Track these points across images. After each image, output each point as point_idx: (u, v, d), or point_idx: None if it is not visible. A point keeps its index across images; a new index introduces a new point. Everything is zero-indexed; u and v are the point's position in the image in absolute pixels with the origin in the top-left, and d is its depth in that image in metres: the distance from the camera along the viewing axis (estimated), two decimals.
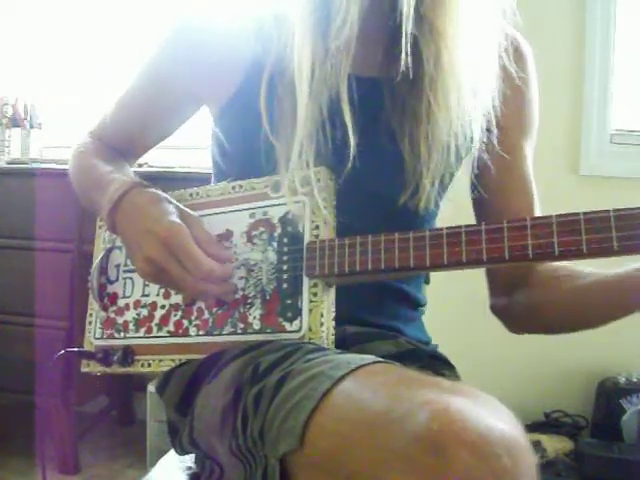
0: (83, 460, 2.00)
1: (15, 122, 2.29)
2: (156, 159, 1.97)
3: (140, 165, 1.88)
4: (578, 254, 0.56)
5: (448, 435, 0.44)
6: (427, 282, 1.01)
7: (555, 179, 1.79)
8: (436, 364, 0.84)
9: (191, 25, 0.83)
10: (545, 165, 1.81)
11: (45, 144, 2.36)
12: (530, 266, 0.82)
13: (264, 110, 0.74)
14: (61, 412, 1.91)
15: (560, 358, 1.86)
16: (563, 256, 0.56)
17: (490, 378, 1.60)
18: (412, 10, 0.68)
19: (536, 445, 1.65)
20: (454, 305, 1.74)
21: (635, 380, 1.72)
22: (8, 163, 2.15)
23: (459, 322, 1.79)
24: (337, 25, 0.70)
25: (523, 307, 0.85)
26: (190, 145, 2.01)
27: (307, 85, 0.71)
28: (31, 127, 2.30)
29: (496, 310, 0.89)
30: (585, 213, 0.56)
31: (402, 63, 0.69)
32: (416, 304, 0.89)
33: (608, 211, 0.56)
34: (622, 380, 1.72)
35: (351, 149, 0.70)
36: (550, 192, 0.93)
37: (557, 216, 0.57)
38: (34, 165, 2.09)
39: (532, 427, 1.78)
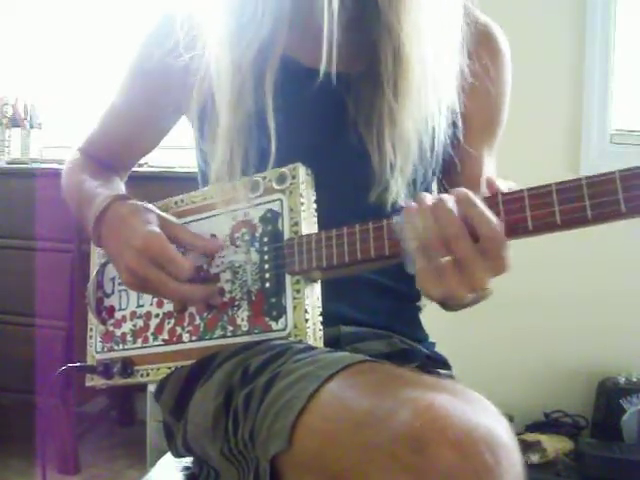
0: (83, 460, 2.00)
1: (15, 122, 2.29)
2: (156, 159, 1.97)
3: (140, 165, 1.87)
4: (552, 226, 0.55)
5: (431, 432, 0.44)
6: None
7: (555, 179, 1.78)
8: (431, 363, 0.84)
9: (169, 31, 0.82)
10: (545, 165, 1.81)
11: (45, 144, 2.36)
12: None
13: (195, 118, 0.75)
14: (61, 412, 1.91)
15: (560, 358, 1.86)
16: (537, 230, 0.56)
17: (490, 378, 1.61)
18: (335, 17, 0.68)
19: (536, 445, 1.65)
20: None
21: (635, 380, 1.72)
22: (8, 163, 2.15)
23: (459, 322, 1.79)
24: (250, 34, 0.71)
25: None
26: (190, 145, 2.01)
27: (227, 92, 0.72)
28: (31, 127, 2.31)
29: None
30: (557, 183, 0.56)
31: (324, 60, 0.69)
32: (410, 301, 0.89)
33: (580, 179, 0.55)
34: (622, 380, 1.72)
35: (272, 155, 0.70)
36: None
37: (528, 189, 0.56)
38: (34, 165, 2.10)
39: (532, 427, 1.78)
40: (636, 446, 1.64)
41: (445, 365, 0.87)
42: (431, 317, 0.96)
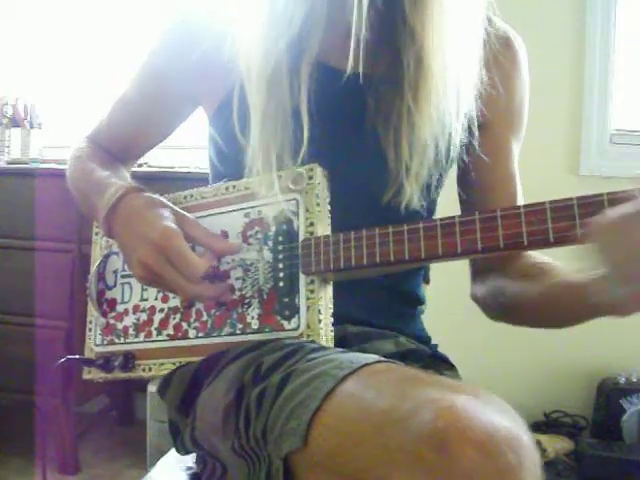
0: (83, 460, 2.00)
1: (15, 122, 2.29)
2: (156, 159, 1.97)
3: (140, 165, 1.88)
4: (573, 239, 0.56)
5: (453, 432, 0.44)
6: (427, 282, 1.01)
7: (555, 179, 1.79)
8: (437, 364, 0.84)
9: (187, 24, 0.83)
10: (545, 165, 1.82)
11: (45, 144, 2.36)
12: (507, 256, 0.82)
13: (235, 111, 0.75)
14: (61, 412, 1.91)
15: (560, 358, 1.86)
16: (558, 242, 0.56)
17: (490, 378, 1.60)
18: (364, 17, 0.68)
19: (536, 445, 1.65)
20: (454, 305, 1.74)
21: (635, 380, 1.72)
22: (8, 163, 2.15)
23: (459, 322, 1.79)
24: (283, 27, 0.71)
25: (498, 301, 0.84)
26: (190, 145, 2.01)
27: (265, 86, 0.72)
28: (31, 127, 2.30)
29: (474, 298, 0.89)
30: (579, 198, 0.56)
31: (349, 66, 0.70)
32: (415, 302, 0.89)
33: (602, 195, 0.55)
34: (622, 380, 1.72)
35: (304, 147, 0.70)
36: (550, 192, 0.93)
37: (550, 202, 0.57)
38: (34, 165, 2.09)
39: (532, 427, 1.76)
40: (636, 446, 1.65)
41: (450, 365, 0.87)
42: (432, 318, 0.96)
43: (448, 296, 1.52)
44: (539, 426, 1.79)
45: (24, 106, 2.30)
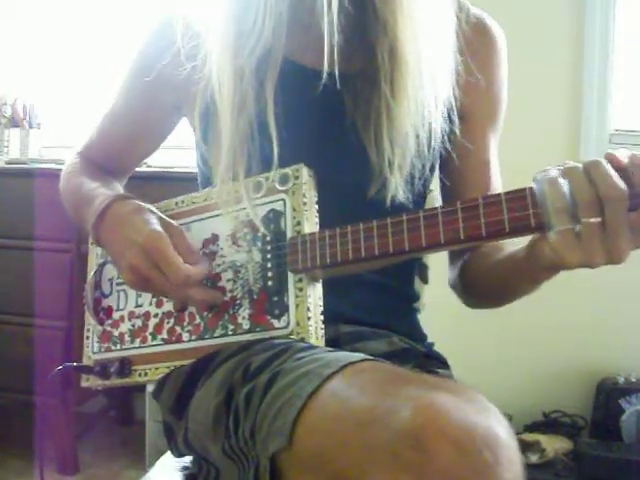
0: (82, 460, 1.99)
1: (14, 122, 2.29)
2: (155, 159, 1.97)
3: (139, 165, 1.87)
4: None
5: (431, 430, 0.44)
6: (425, 282, 1.01)
7: None
8: (430, 363, 0.84)
9: (175, 25, 0.82)
10: (544, 165, 1.81)
11: (44, 144, 2.36)
12: None
13: (197, 123, 0.75)
14: (60, 412, 1.91)
15: (559, 358, 1.86)
16: (540, 227, 0.57)
17: (489, 378, 1.61)
18: (335, 22, 0.68)
19: (535, 445, 1.65)
20: (453, 305, 1.74)
21: (634, 380, 1.72)
22: (7, 163, 2.15)
23: (458, 322, 1.79)
24: (252, 42, 0.71)
25: (463, 280, 0.86)
26: (190, 145, 2.01)
27: (229, 101, 0.72)
28: (30, 127, 2.30)
29: (450, 284, 0.90)
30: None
31: (326, 65, 0.69)
32: (409, 300, 0.89)
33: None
34: (621, 380, 1.72)
35: (275, 159, 0.70)
36: None
37: (530, 189, 0.57)
38: (33, 165, 2.09)
39: (531, 427, 1.79)
40: (635, 446, 1.65)
41: (444, 365, 0.87)
42: (431, 317, 0.96)
43: (447, 295, 1.52)
44: (538, 426, 1.79)
45: (23, 106, 2.30)
